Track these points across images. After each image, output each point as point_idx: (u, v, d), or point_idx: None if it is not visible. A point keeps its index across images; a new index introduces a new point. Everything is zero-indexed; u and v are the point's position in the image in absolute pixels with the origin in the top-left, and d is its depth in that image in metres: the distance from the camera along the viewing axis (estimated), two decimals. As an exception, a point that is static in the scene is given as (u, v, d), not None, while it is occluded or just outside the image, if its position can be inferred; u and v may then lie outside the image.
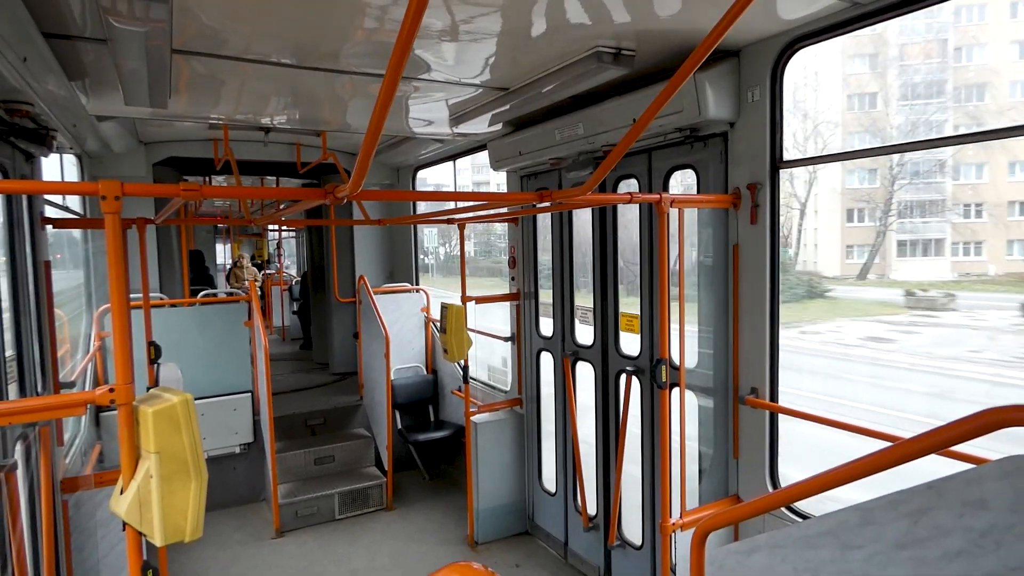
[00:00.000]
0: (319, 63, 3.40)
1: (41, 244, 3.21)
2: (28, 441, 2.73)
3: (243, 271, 14.54)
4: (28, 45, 2.49)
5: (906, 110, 8.25)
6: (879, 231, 8.07)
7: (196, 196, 2.05)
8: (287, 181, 9.09)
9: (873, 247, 8.13)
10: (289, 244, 20.06)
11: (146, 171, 6.20)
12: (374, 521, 5.74)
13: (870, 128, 8.58)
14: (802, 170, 8.33)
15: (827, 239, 8.87)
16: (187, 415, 1.79)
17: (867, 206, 8.34)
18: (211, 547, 5.25)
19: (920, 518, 1.24)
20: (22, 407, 1.78)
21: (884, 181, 8.07)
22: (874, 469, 1.45)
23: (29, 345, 2.96)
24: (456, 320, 4.87)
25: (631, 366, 4.17)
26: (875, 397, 9.71)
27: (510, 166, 5.05)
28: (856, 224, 8.53)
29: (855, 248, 8.75)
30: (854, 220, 8.54)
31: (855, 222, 8.53)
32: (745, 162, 3.28)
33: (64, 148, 4.47)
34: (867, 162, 7.93)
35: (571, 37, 3.05)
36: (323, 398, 7.16)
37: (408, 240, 7.66)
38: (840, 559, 1.38)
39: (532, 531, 5.38)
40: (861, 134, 8.79)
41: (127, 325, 1.80)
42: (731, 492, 3.51)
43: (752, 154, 3.24)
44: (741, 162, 3.31)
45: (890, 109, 8.42)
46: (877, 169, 8.08)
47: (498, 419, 5.31)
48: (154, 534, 1.76)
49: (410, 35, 1.31)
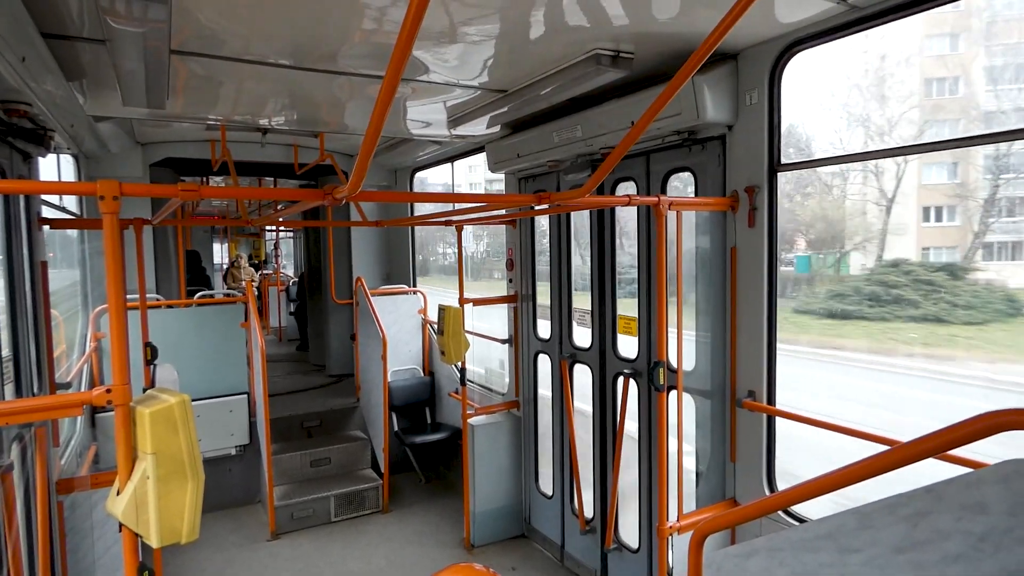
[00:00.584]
0: (317, 64, 3.40)
1: (38, 244, 3.20)
2: (24, 442, 2.71)
3: (240, 271, 14.52)
4: (26, 45, 2.48)
5: (1002, 93, 7.32)
6: (978, 231, 7.06)
7: (194, 196, 2.05)
8: (284, 182, 9.08)
9: (971, 247, 7.29)
10: (287, 244, 20.02)
11: (143, 172, 6.18)
12: (370, 524, 5.72)
13: (958, 114, 7.70)
14: (891, 162, 7.63)
15: (898, 241, 7.94)
16: (184, 416, 1.79)
17: (952, 203, 7.37)
18: (206, 549, 5.23)
19: (919, 522, 1.24)
20: (18, 407, 1.77)
21: (976, 174, 7.18)
22: (872, 473, 1.44)
23: (26, 345, 2.94)
24: (453, 322, 4.86)
25: (629, 368, 4.17)
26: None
27: (508, 168, 5.05)
28: (935, 224, 7.51)
29: (931, 250, 7.82)
30: (931, 219, 7.54)
31: (933, 221, 7.53)
32: (743, 165, 3.29)
33: (61, 148, 4.45)
34: (946, 155, 7.08)
35: (569, 40, 3.05)
36: (319, 400, 7.15)
37: (406, 241, 7.66)
38: (838, 563, 1.38)
39: (528, 534, 5.37)
40: (950, 122, 7.85)
41: (125, 326, 1.79)
42: (728, 495, 3.51)
43: (750, 157, 3.25)
44: (739, 165, 3.32)
45: (976, 91, 7.53)
46: (957, 163, 7.30)
47: (495, 421, 5.30)
48: (150, 535, 1.75)
49: (410, 36, 1.31)
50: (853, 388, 7.87)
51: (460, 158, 6.53)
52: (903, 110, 7.92)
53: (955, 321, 7.00)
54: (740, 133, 3.29)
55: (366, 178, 1.90)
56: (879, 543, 1.30)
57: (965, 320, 6.95)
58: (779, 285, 3.28)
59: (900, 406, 7.20)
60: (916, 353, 7.50)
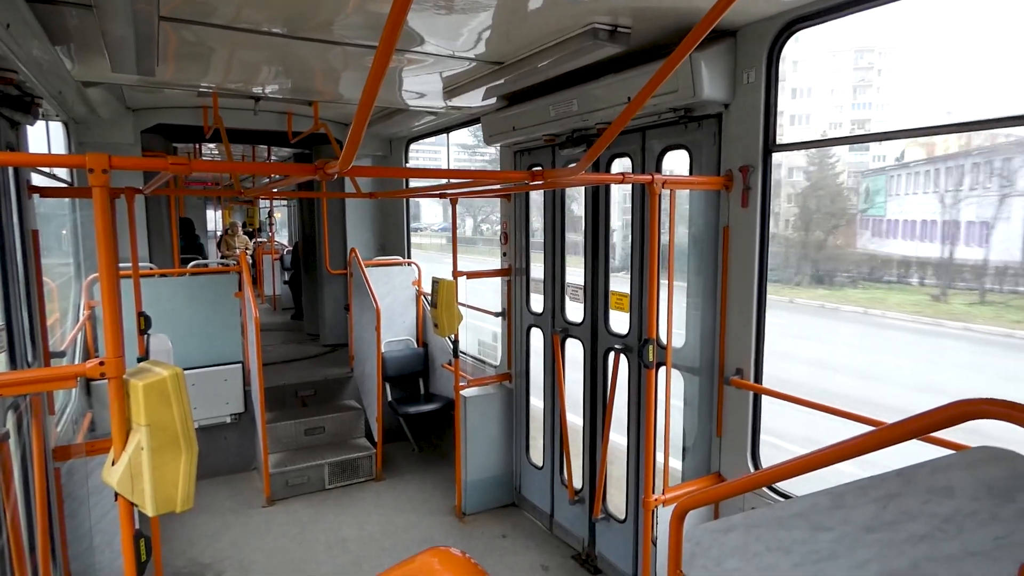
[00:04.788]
0: (311, 33, 3.34)
1: (29, 213, 3.18)
2: (20, 411, 2.74)
3: (235, 239, 14.46)
4: (10, 10, 2.43)
5: None
6: None
7: (184, 170, 2.04)
8: (278, 150, 8.98)
9: None
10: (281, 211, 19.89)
11: (134, 138, 6.10)
12: (363, 491, 5.83)
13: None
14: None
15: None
16: (177, 389, 1.81)
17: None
18: (203, 515, 5.33)
19: (888, 503, 1.29)
20: (12, 379, 1.79)
21: None
22: (851, 454, 1.49)
23: (18, 315, 2.95)
24: (447, 295, 4.89)
25: (620, 344, 4.21)
26: None
27: (504, 141, 5.01)
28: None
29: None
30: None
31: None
32: (738, 144, 3.28)
33: (50, 115, 4.39)
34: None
35: (567, 12, 3.01)
36: (314, 369, 7.21)
37: (400, 213, 7.63)
38: (810, 540, 1.44)
39: (519, 503, 5.49)
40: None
41: (117, 299, 1.80)
42: (714, 470, 3.60)
43: (745, 136, 3.24)
44: (734, 144, 3.31)
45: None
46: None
47: (487, 393, 5.37)
48: (145, 505, 1.79)
49: (404, 5, 1.28)
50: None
51: (456, 128, 6.47)
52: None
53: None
54: (736, 112, 3.28)
55: (360, 148, 1.89)
56: (850, 522, 1.35)
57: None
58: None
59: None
60: None
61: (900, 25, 27.34)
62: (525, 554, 4.75)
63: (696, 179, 3.44)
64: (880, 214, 22.12)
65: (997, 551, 1.16)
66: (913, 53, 21.69)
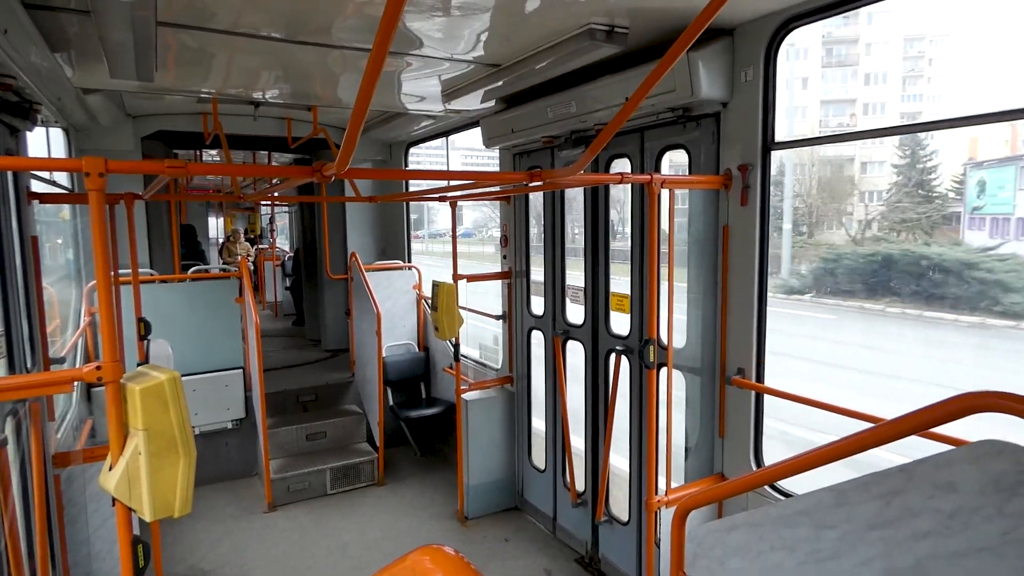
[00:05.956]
0: (310, 37, 3.34)
1: (28, 219, 3.18)
2: (19, 417, 2.73)
3: (236, 246, 14.48)
4: (8, 16, 2.43)
5: None
6: None
7: (181, 173, 2.04)
8: (279, 156, 9.00)
9: None
10: (282, 218, 19.92)
11: (134, 145, 6.11)
12: (365, 496, 5.81)
13: None
14: None
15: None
16: (174, 393, 1.80)
17: None
18: (204, 521, 5.31)
19: (892, 499, 1.27)
20: (9, 384, 1.78)
21: None
22: (854, 450, 1.48)
23: (17, 321, 2.94)
24: (447, 298, 4.88)
25: (621, 345, 4.20)
26: None
27: (503, 143, 5.01)
28: None
29: None
30: None
31: None
32: (737, 143, 3.27)
33: (50, 122, 4.40)
34: None
35: (564, 13, 3.01)
36: (315, 374, 7.19)
37: (400, 217, 7.62)
38: (814, 538, 1.42)
39: (521, 507, 5.46)
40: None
41: (113, 303, 1.79)
42: (716, 470, 3.57)
43: (744, 135, 3.23)
44: (733, 143, 3.30)
45: None
46: None
47: (489, 397, 5.35)
48: (143, 510, 1.78)
49: (396, 8, 1.28)
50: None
51: (455, 132, 6.48)
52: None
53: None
54: (734, 110, 3.27)
55: (359, 153, 1.90)
56: (853, 520, 1.34)
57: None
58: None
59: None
60: None
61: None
62: (528, 558, 4.72)
63: (695, 178, 3.43)
64: (1007, 211, 18.17)
65: (1003, 546, 1.14)
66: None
